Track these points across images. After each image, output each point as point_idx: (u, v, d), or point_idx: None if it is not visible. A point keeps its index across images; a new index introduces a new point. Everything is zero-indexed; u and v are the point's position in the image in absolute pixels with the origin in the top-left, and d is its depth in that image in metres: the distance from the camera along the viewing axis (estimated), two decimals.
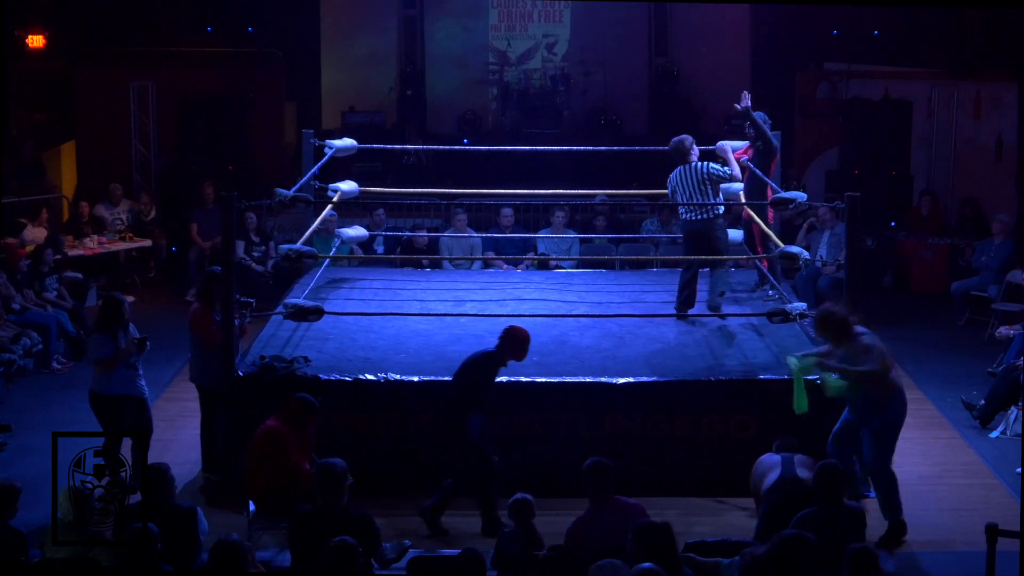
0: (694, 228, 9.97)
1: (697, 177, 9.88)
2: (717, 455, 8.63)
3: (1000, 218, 13.63)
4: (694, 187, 9.88)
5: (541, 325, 9.84)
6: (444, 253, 13.10)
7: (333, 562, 5.92)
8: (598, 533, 6.46)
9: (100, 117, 16.63)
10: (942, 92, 16.29)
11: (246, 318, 9.14)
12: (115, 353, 8.44)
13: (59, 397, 10.75)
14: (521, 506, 6.81)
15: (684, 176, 9.95)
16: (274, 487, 7.55)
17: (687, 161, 9.99)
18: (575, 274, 12.54)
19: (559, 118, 17.90)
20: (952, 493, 8.84)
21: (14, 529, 6.83)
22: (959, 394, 10.60)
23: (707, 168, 9.90)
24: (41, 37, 16.30)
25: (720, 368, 8.95)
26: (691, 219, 9.98)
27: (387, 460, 8.62)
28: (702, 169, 9.90)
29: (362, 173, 13.48)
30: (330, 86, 18.25)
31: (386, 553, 7.07)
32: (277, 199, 9.60)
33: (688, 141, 10.10)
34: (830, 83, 17.01)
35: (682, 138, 10.15)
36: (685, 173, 9.95)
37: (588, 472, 6.77)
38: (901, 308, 14.08)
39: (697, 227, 9.95)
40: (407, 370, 8.79)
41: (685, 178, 9.94)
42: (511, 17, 18.74)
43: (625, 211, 15.09)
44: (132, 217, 15.30)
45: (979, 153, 16.23)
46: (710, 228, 9.92)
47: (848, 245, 8.83)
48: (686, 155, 10.03)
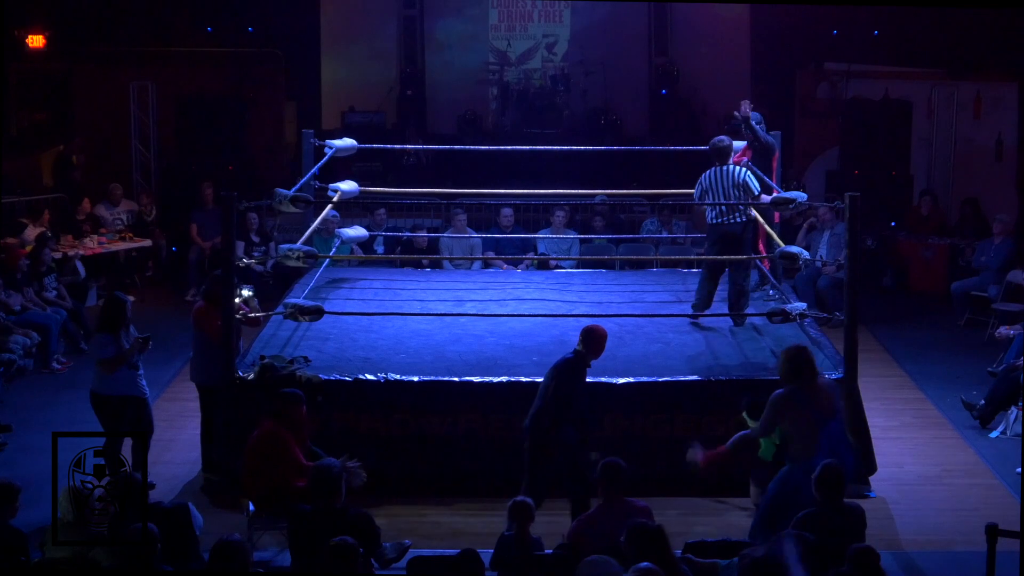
0: (727, 230, 9.79)
1: (732, 181, 9.75)
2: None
3: (1000, 218, 13.62)
4: (729, 188, 9.75)
5: (541, 325, 9.87)
6: (444, 253, 13.10)
7: (333, 562, 5.92)
8: (602, 533, 6.45)
9: (100, 117, 16.64)
10: (942, 92, 16.29)
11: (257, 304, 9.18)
12: (118, 353, 8.45)
13: (59, 397, 10.74)
14: (519, 509, 6.80)
15: (718, 177, 9.79)
16: (273, 487, 7.55)
17: (725, 163, 9.89)
18: (575, 274, 12.55)
19: (559, 118, 17.90)
20: (952, 493, 8.83)
21: (15, 529, 6.82)
22: (959, 394, 10.58)
23: (744, 176, 9.77)
24: (41, 37, 16.31)
25: (720, 368, 8.95)
26: (724, 221, 9.79)
27: (387, 460, 8.61)
28: (739, 175, 9.77)
29: (362, 173, 13.49)
30: (330, 86, 18.25)
31: (386, 553, 7.06)
32: (277, 199, 9.60)
33: (728, 142, 9.98)
34: (830, 83, 17.02)
35: (723, 138, 10.02)
36: (720, 175, 9.80)
37: (600, 471, 6.78)
38: (901, 308, 14.09)
39: (730, 229, 9.77)
40: (407, 370, 8.79)
41: (719, 180, 9.79)
42: (511, 17, 18.74)
43: (625, 211, 15.09)
44: (132, 217, 15.30)
45: (979, 153, 16.23)
46: (743, 231, 9.81)
47: (848, 245, 8.82)
48: (725, 157, 9.91)
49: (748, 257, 9.90)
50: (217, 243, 12.54)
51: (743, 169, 9.88)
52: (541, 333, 9.74)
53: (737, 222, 9.77)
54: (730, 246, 9.79)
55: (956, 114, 16.26)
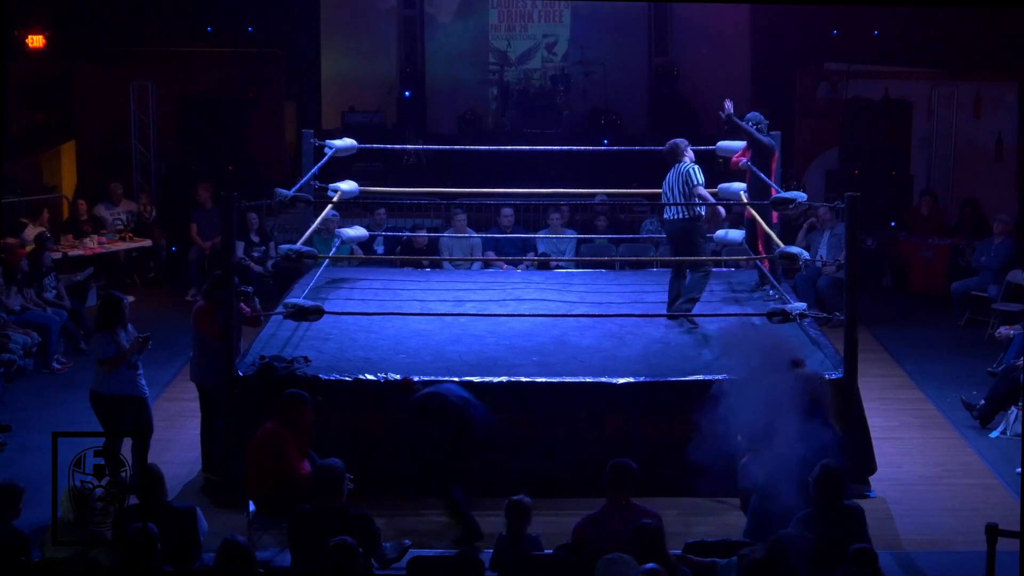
0: (672, 228, 10.04)
1: (678, 176, 9.96)
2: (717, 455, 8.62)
3: (1000, 218, 13.63)
4: (675, 186, 9.97)
5: (541, 325, 9.87)
6: (444, 253, 13.10)
7: (333, 562, 5.93)
8: (606, 534, 6.44)
9: (100, 117, 16.64)
10: (942, 92, 16.28)
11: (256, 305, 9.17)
12: (118, 352, 8.45)
13: (59, 397, 10.74)
14: (512, 508, 6.80)
15: (671, 176, 10.04)
16: (274, 488, 7.55)
17: (678, 160, 10.06)
18: (575, 274, 12.55)
19: (559, 118, 17.90)
20: (952, 493, 8.84)
21: (17, 530, 6.82)
22: (959, 394, 10.59)
23: (687, 168, 9.94)
24: (41, 37, 16.29)
25: (720, 368, 8.93)
26: (669, 219, 10.07)
27: (387, 460, 8.61)
28: (682, 168, 9.96)
29: (362, 173, 13.48)
30: (330, 86, 18.24)
31: (386, 553, 7.06)
32: (277, 199, 9.60)
33: (682, 144, 10.15)
34: (830, 83, 17.02)
35: (676, 141, 10.21)
36: (672, 173, 10.04)
37: (608, 471, 6.78)
38: (901, 308, 14.09)
39: (674, 227, 10.00)
40: (407, 370, 8.78)
41: (670, 178, 10.04)
42: (511, 17, 18.73)
43: (625, 211, 15.09)
44: (132, 217, 15.30)
45: (979, 153, 16.23)
46: (686, 228, 9.93)
47: (848, 245, 8.82)
48: (677, 156, 10.08)
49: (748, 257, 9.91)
50: (217, 243, 12.54)
51: (690, 164, 9.99)
52: (541, 333, 9.74)
53: (676, 219, 9.95)
54: (674, 243, 10.01)
55: (956, 114, 16.25)
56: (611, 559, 5.70)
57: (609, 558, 5.72)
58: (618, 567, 5.66)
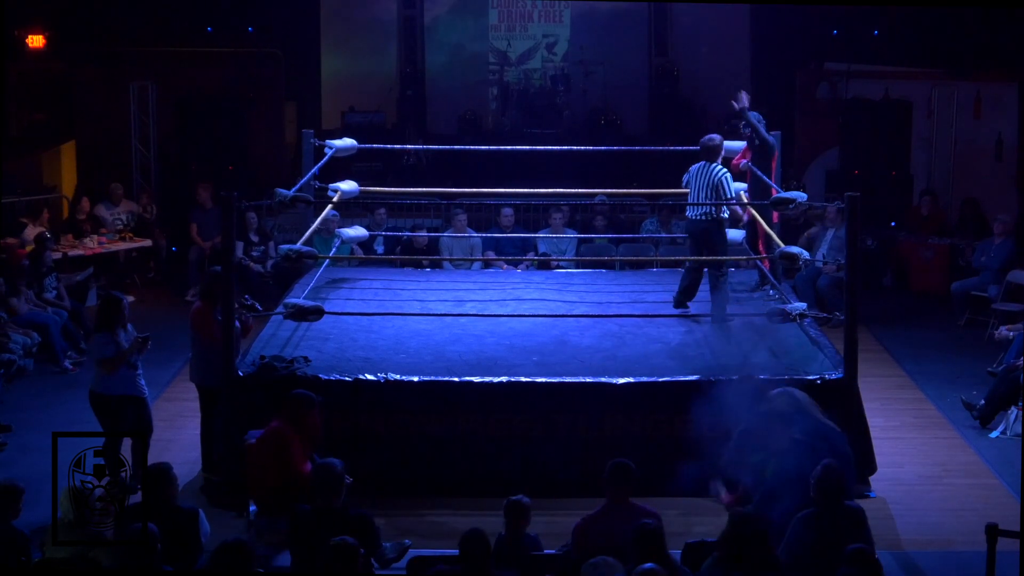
0: (697, 227, 9.98)
1: (709, 179, 9.87)
2: (717, 455, 8.61)
3: (1000, 218, 13.62)
4: (703, 187, 9.89)
5: (541, 325, 9.87)
6: (444, 253, 13.10)
7: (333, 562, 5.92)
8: (605, 534, 6.44)
9: (100, 117, 16.63)
10: (942, 92, 16.28)
11: (247, 317, 9.13)
12: (118, 352, 8.45)
13: (59, 397, 10.74)
14: (511, 508, 6.79)
15: (700, 173, 9.97)
16: (276, 487, 7.54)
17: (712, 161, 9.99)
18: (575, 274, 12.55)
19: (559, 118, 17.90)
20: (952, 493, 8.84)
21: (18, 530, 6.83)
22: (959, 394, 10.59)
23: (721, 176, 9.86)
24: (41, 37, 16.30)
25: (720, 368, 8.94)
26: (694, 218, 10.00)
27: (387, 460, 8.61)
28: (715, 174, 9.87)
29: (362, 173, 13.47)
30: (330, 86, 18.25)
31: (386, 553, 7.06)
32: (277, 199, 9.60)
33: (719, 141, 10.11)
34: (830, 83, 17.01)
35: (714, 136, 10.17)
36: (701, 171, 9.96)
37: (608, 471, 6.77)
38: (901, 308, 14.09)
39: (698, 226, 9.96)
40: (407, 370, 8.79)
41: (699, 175, 9.96)
42: (511, 17, 18.74)
43: (625, 211, 15.09)
44: (132, 217, 15.30)
45: (979, 153, 16.22)
46: (708, 230, 9.91)
47: (848, 245, 8.82)
48: (712, 155, 10.02)
49: (748, 257, 9.91)
50: (217, 243, 12.54)
51: (723, 170, 9.95)
52: (541, 333, 9.73)
53: (701, 220, 9.92)
54: (696, 242, 10.01)
55: (956, 114, 16.24)
56: (595, 563, 5.69)
57: (593, 562, 5.71)
58: (602, 571, 5.65)
